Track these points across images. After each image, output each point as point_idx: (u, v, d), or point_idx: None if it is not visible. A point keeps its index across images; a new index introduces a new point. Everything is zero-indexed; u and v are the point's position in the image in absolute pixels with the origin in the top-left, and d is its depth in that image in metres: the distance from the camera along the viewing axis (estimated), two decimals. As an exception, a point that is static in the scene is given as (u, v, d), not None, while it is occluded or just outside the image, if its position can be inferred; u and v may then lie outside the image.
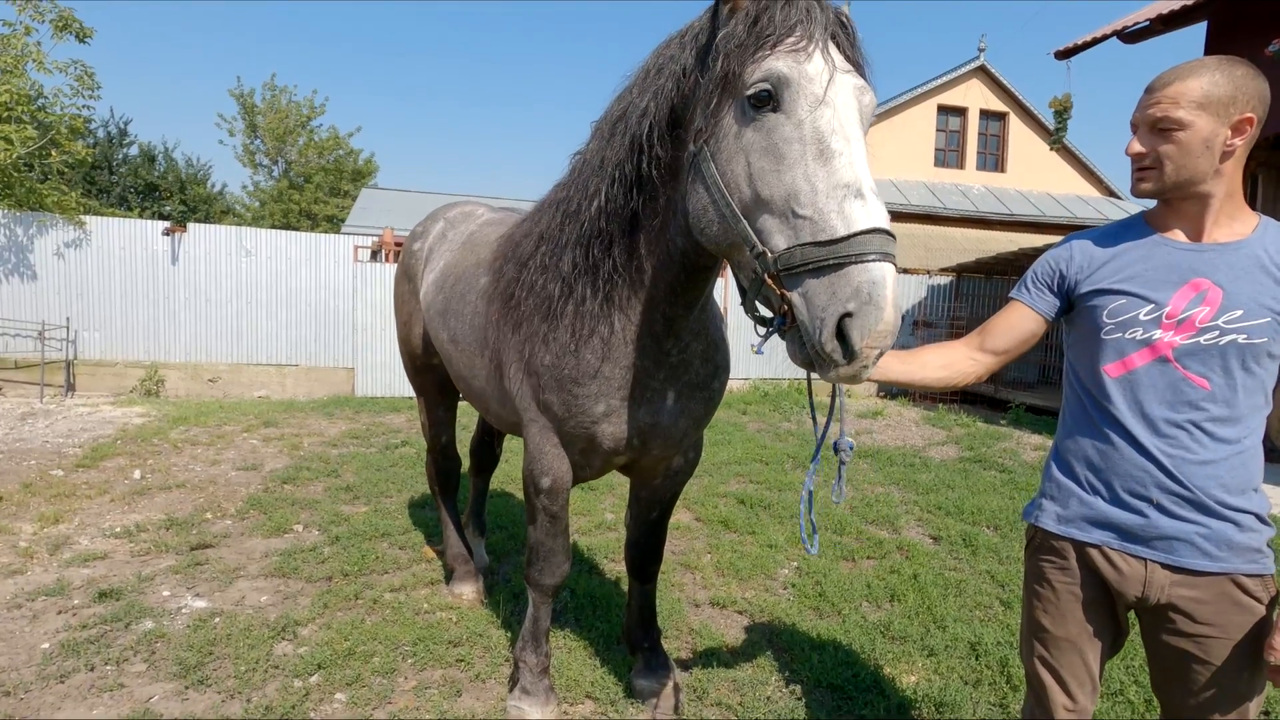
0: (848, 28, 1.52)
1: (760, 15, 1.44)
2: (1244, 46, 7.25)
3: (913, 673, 2.88)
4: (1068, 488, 1.51)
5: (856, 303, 1.26)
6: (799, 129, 1.38)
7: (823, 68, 1.40)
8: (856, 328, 1.26)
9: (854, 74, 1.47)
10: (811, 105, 1.38)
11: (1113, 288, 1.44)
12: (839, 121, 1.37)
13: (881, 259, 1.27)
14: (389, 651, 2.89)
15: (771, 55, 1.41)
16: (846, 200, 1.31)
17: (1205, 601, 1.37)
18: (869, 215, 1.30)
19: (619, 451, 2.18)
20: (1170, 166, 1.36)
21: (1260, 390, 1.37)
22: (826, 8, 1.49)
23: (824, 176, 1.34)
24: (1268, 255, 1.35)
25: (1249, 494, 1.37)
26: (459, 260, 2.84)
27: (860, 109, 1.43)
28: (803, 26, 1.42)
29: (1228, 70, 1.34)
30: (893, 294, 1.26)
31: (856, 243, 1.27)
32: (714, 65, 1.49)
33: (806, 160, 1.36)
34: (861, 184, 1.33)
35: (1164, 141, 1.36)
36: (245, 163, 28.54)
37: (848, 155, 1.35)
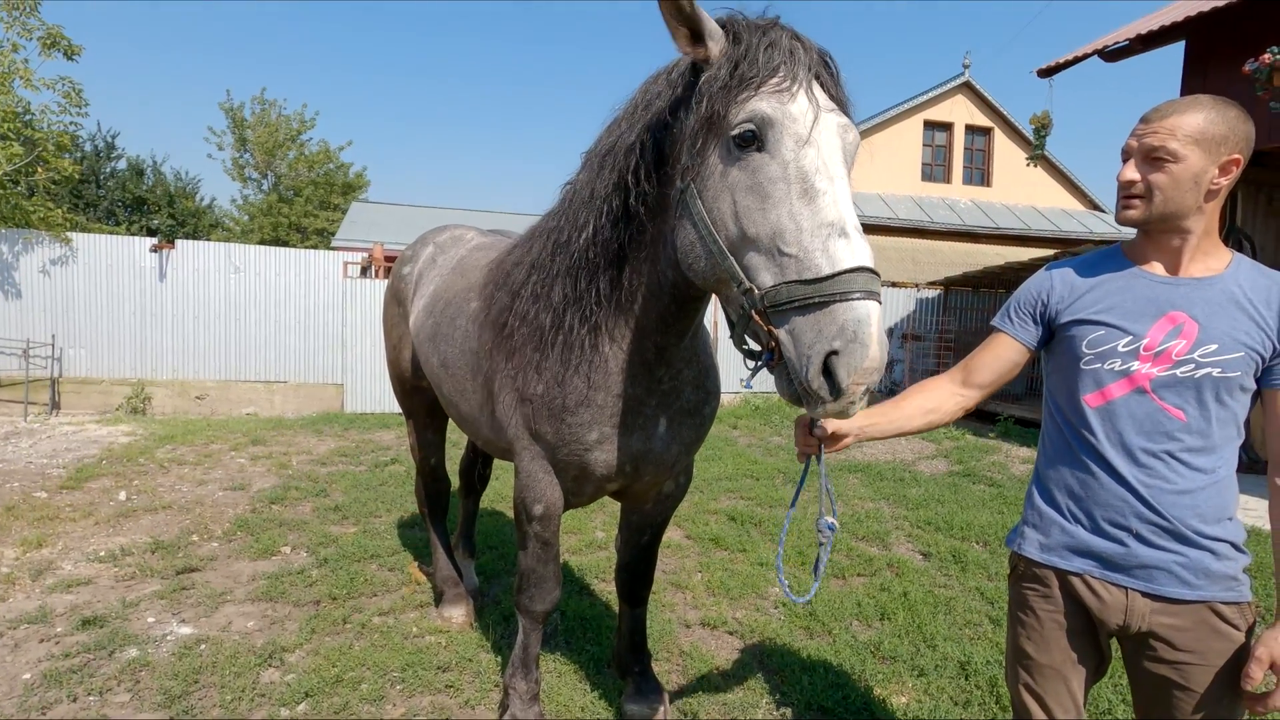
0: (831, 67, 1.54)
1: (742, 58, 1.46)
2: (1221, 65, 7.41)
3: (903, 693, 2.88)
4: (1050, 516, 1.53)
5: (842, 341, 1.28)
6: (784, 168, 1.40)
7: (807, 107, 1.42)
8: (843, 365, 1.27)
9: (838, 113, 1.49)
10: (796, 145, 1.40)
11: (1092, 318, 1.47)
12: (823, 160, 1.39)
13: (866, 297, 1.29)
14: (377, 678, 2.86)
15: (755, 96, 1.43)
16: (831, 239, 1.33)
17: (1185, 629, 1.39)
18: (853, 254, 1.32)
19: (611, 478, 2.18)
20: (1159, 197, 1.39)
21: (1233, 422, 1.39)
22: (810, 48, 1.51)
23: (809, 215, 1.36)
24: (1241, 291, 1.38)
25: (1224, 523, 1.40)
26: (449, 285, 2.84)
27: (844, 147, 1.46)
28: (786, 67, 1.45)
29: (1223, 110, 1.37)
30: (878, 331, 1.28)
31: (841, 281, 1.30)
32: (698, 106, 1.51)
33: (791, 199, 1.38)
34: (845, 222, 1.35)
35: (1156, 171, 1.38)
36: (234, 176, 28.50)
37: (832, 194, 1.37)
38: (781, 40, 1.48)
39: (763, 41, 1.47)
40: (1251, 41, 6.49)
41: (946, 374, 1.68)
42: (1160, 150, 1.37)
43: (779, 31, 1.50)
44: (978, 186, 17.25)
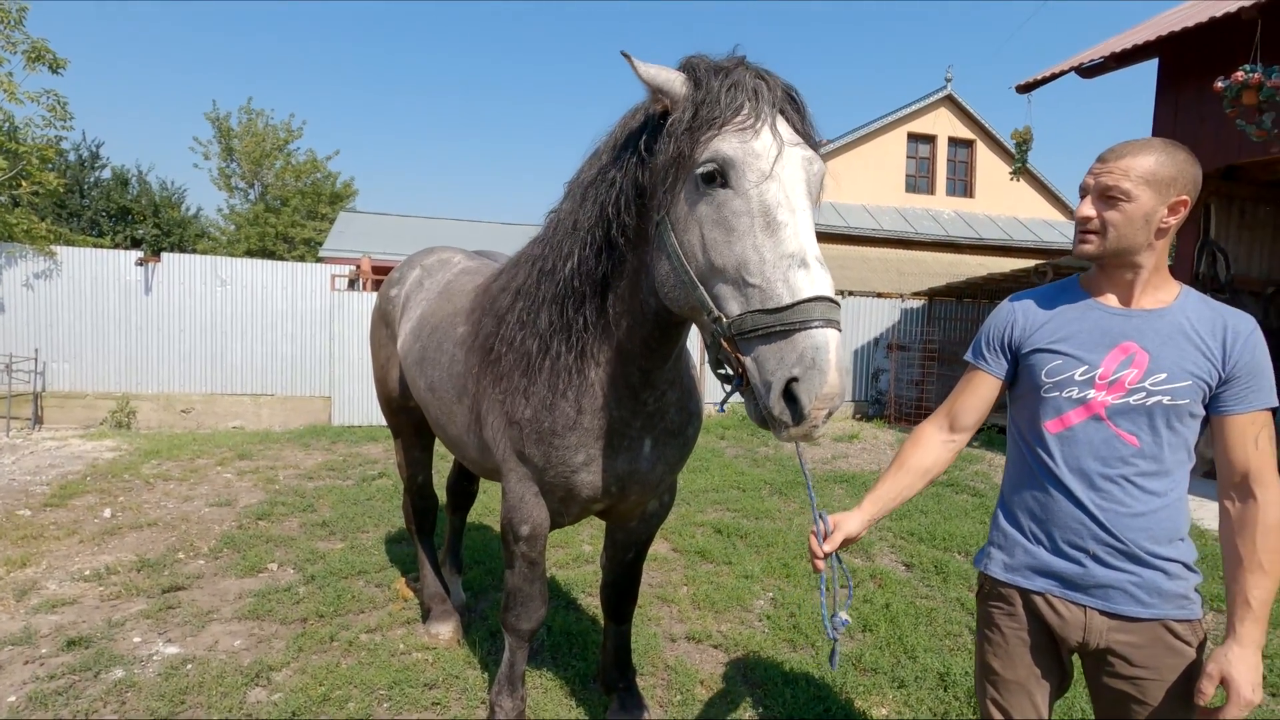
0: (796, 102, 1.60)
1: (703, 101, 1.53)
2: (1192, 81, 7.61)
3: (884, 705, 2.93)
4: (1013, 537, 1.60)
5: (801, 368, 1.34)
6: (747, 203, 1.47)
7: (770, 143, 1.49)
8: (803, 391, 1.34)
9: (803, 146, 1.55)
10: (758, 180, 1.47)
11: (1050, 348, 1.54)
12: (784, 194, 1.46)
13: (825, 325, 1.36)
14: (365, 696, 2.88)
15: (718, 135, 1.50)
16: (791, 269, 1.40)
17: (1140, 646, 1.46)
18: (813, 284, 1.39)
19: (597, 499, 2.23)
20: (1113, 233, 1.46)
21: (1184, 447, 1.46)
22: (775, 85, 1.57)
23: (771, 247, 1.43)
24: (1189, 323, 1.45)
25: (1176, 544, 1.46)
26: (436, 309, 2.88)
27: (808, 179, 1.52)
28: (750, 105, 1.52)
29: (1172, 154, 1.45)
30: (835, 358, 1.34)
31: (800, 310, 1.36)
32: (665, 146, 1.58)
33: (755, 232, 1.45)
34: (806, 253, 1.42)
35: (1110, 209, 1.46)
36: (221, 186, 28.37)
37: (793, 226, 1.44)
38: (745, 80, 1.54)
39: (725, 83, 1.54)
40: (1220, 60, 6.68)
41: (933, 421, 1.74)
42: (1114, 189, 1.44)
43: (743, 71, 1.56)
44: (961, 198, 17.49)
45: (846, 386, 1.37)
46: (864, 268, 14.57)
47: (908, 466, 1.70)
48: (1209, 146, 7.51)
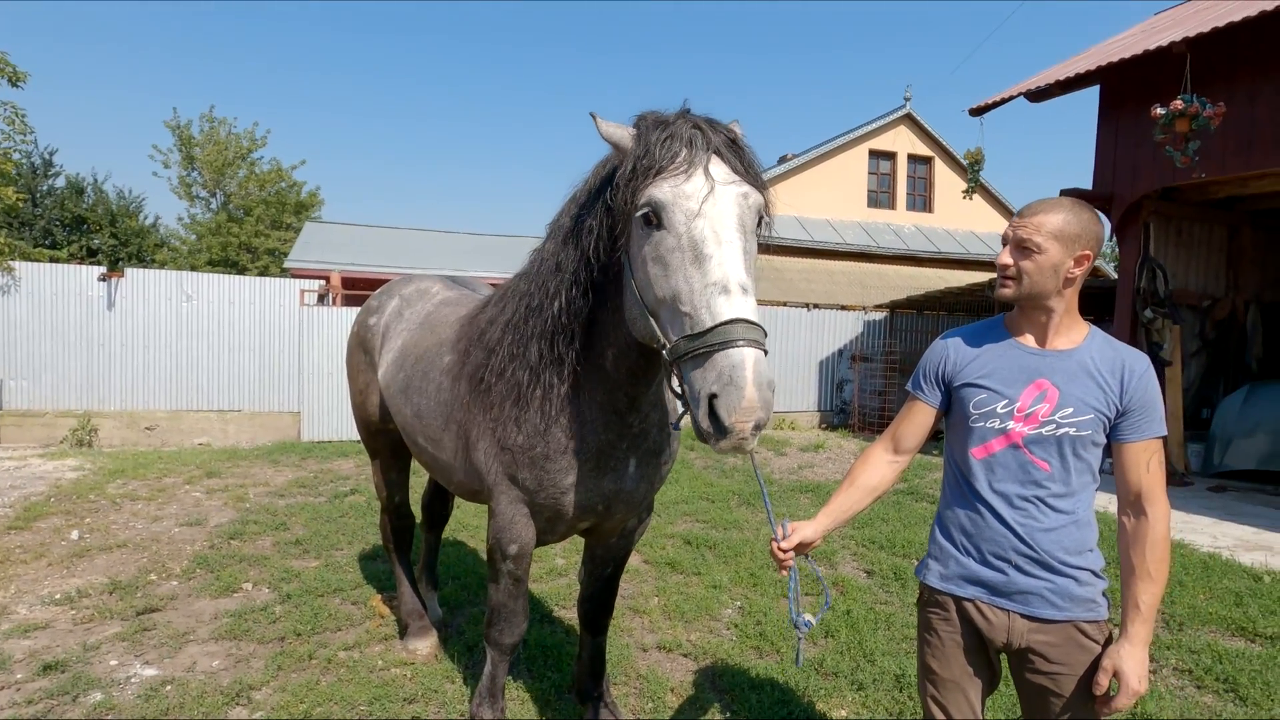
0: (736, 145, 1.78)
1: (642, 154, 1.72)
2: (1130, 108, 8.07)
3: (843, 707, 3.11)
4: (948, 550, 1.79)
5: (720, 385, 1.48)
6: (678, 239, 1.64)
7: (701, 184, 1.66)
8: (723, 407, 1.47)
9: (738, 183, 1.71)
10: (686, 218, 1.64)
11: (976, 382, 1.73)
12: (712, 229, 1.62)
13: (744, 344, 1.49)
14: (345, 712, 2.96)
15: (653, 183, 1.68)
16: (714, 296, 1.56)
17: (1056, 644, 1.65)
18: (732, 307, 1.53)
19: (585, 518, 2.37)
20: (1027, 280, 1.66)
21: (1088, 471, 1.67)
22: (711, 132, 1.75)
23: (698, 278, 1.59)
24: (1093, 363, 1.66)
25: (1085, 554, 1.66)
26: (419, 340, 2.99)
27: (740, 213, 1.68)
28: (686, 151, 1.70)
29: (1079, 213, 1.66)
30: (753, 374, 1.46)
31: (719, 332, 1.51)
32: (616, 195, 1.77)
33: (685, 265, 1.62)
34: (729, 281, 1.57)
35: (1024, 259, 1.66)
36: (181, 195, 27.81)
37: (718, 258, 1.59)
38: (682, 130, 1.73)
39: (662, 135, 1.72)
40: (1157, 89, 7.12)
41: (879, 443, 1.93)
42: (1028, 242, 1.65)
43: (682, 123, 1.75)
44: (920, 212, 18.05)
45: (769, 400, 1.49)
46: (829, 281, 14.95)
47: (858, 484, 1.89)
48: (1147, 169, 7.99)
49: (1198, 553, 5.36)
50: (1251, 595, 4.45)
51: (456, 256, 19.48)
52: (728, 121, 1.91)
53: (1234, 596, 4.43)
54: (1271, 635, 3.86)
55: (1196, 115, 6.52)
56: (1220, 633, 3.97)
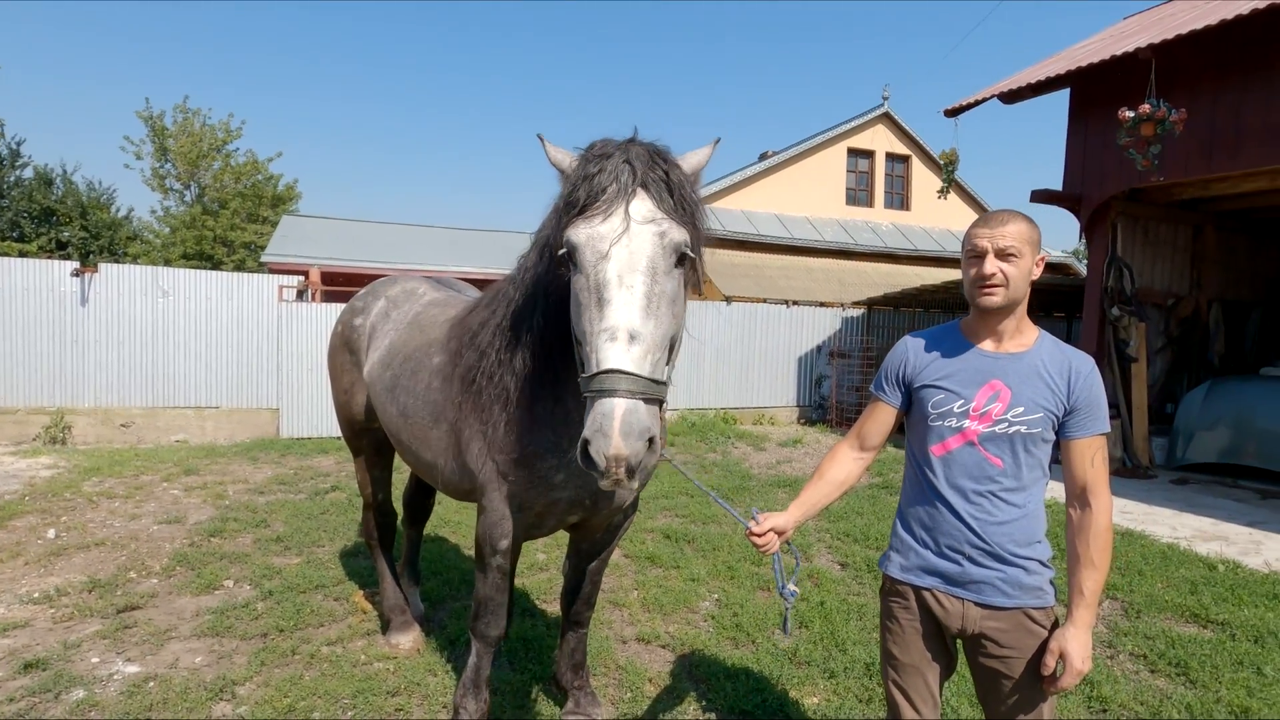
0: (667, 179, 1.77)
1: (572, 189, 1.77)
2: (1099, 111, 8.27)
3: (815, 694, 3.22)
4: (908, 543, 1.89)
5: (592, 431, 1.57)
6: (587, 281, 1.71)
7: (617, 225, 1.69)
8: (593, 451, 1.56)
9: (658, 222, 1.72)
10: (595, 261, 1.69)
11: (935, 384, 1.83)
12: (616, 274, 1.66)
13: (617, 395, 1.55)
14: (329, 705, 3.02)
15: (573, 224, 1.74)
16: (604, 343, 1.62)
17: (1006, 630, 1.76)
18: (614, 357, 1.59)
19: (573, 513, 2.45)
20: (1013, 285, 1.74)
21: (1039, 467, 1.78)
22: (643, 167, 1.76)
23: (598, 320, 1.66)
24: (1042, 365, 1.76)
25: (1034, 545, 1.77)
26: (407, 340, 3.05)
27: (654, 253, 1.69)
28: (615, 187, 1.72)
29: (1032, 222, 1.77)
30: (620, 425, 1.52)
31: (599, 380, 1.59)
32: (551, 231, 1.86)
33: (591, 307, 1.69)
34: (618, 328, 1.61)
35: (1008, 265, 1.74)
36: (154, 187, 27.34)
37: (617, 302, 1.64)
38: (609, 166, 1.75)
39: (592, 170, 1.75)
40: (1124, 93, 7.31)
41: (846, 441, 2.03)
42: (1010, 249, 1.73)
43: (616, 158, 1.76)
44: (898, 210, 18.29)
45: (639, 449, 1.54)
46: (808, 278, 15.12)
47: (826, 478, 1.99)
48: (1114, 171, 8.20)
49: (1158, 543, 5.57)
50: (1206, 584, 4.64)
51: (438, 251, 19.39)
52: (708, 142, 1.98)
53: (1189, 585, 4.62)
54: (1222, 621, 4.05)
55: (1163, 120, 6.71)
56: (1175, 619, 4.15)
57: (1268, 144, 6.84)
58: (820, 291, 14.42)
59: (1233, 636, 3.86)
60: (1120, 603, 4.39)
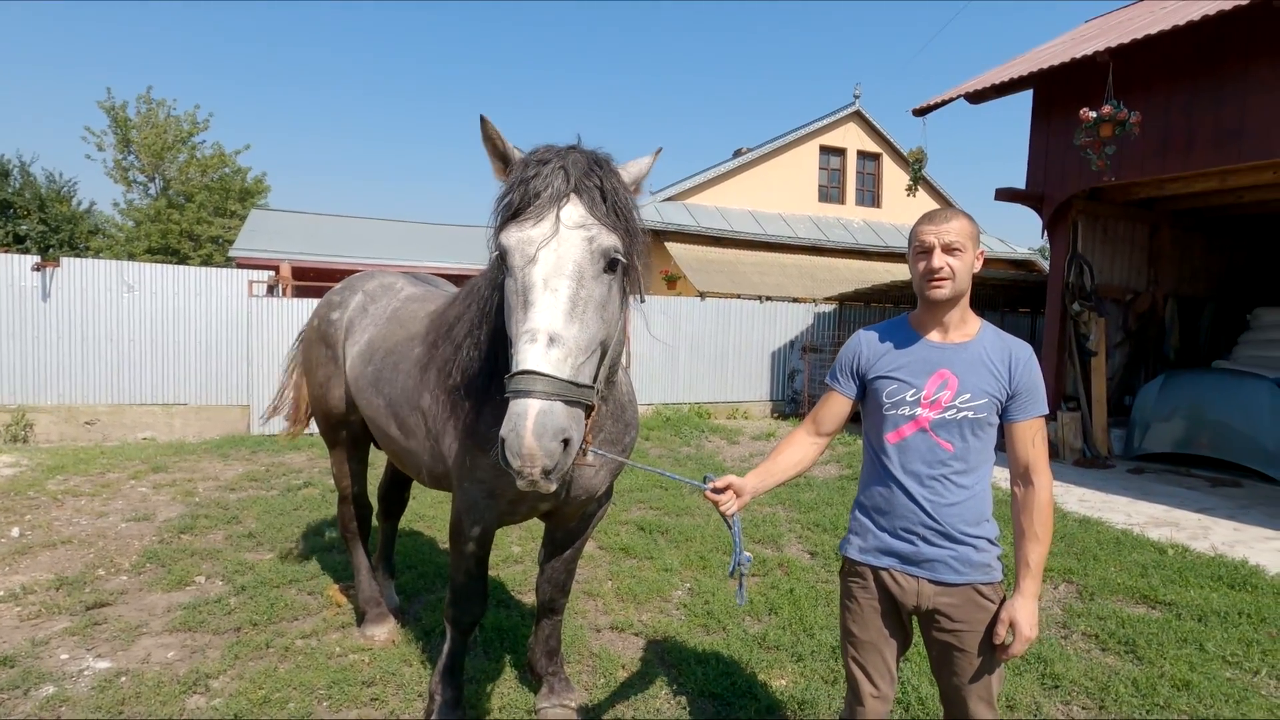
0: (601, 185, 1.82)
1: (507, 191, 1.82)
2: (1060, 112, 8.51)
3: (783, 677, 3.33)
4: (866, 525, 1.98)
5: (507, 430, 1.60)
6: (515, 283, 1.76)
7: (546, 230, 1.73)
8: (507, 449, 1.60)
9: (587, 227, 1.77)
10: (523, 264, 1.73)
11: (888, 374, 1.93)
12: (542, 276, 1.70)
13: (530, 396, 1.58)
14: (304, 696, 3.04)
15: (505, 227, 1.78)
16: (524, 344, 1.65)
17: (958, 605, 1.86)
18: (533, 358, 1.62)
19: (544, 499, 2.52)
20: (958, 278, 1.85)
21: (985, 450, 1.88)
22: (574, 175, 1.80)
23: (522, 321, 1.70)
24: (985, 354, 1.87)
25: (982, 524, 1.88)
26: (388, 334, 3.11)
27: (581, 258, 1.74)
28: (549, 192, 1.76)
29: (971, 219, 1.88)
30: (533, 425, 1.55)
31: (515, 380, 1.62)
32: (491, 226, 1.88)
33: (518, 308, 1.74)
34: (538, 330, 1.65)
35: (953, 259, 1.85)
36: (117, 179, 26.67)
37: (541, 305, 1.68)
38: (545, 171, 1.78)
39: (528, 175, 1.79)
40: (1084, 94, 7.54)
41: (803, 427, 2.11)
42: (955, 244, 1.84)
43: (554, 164, 1.80)
44: (869, 208, 18.56)
45: (553, 449, 1.57)
46: (781, 274, 15.29)
47: (782, 456, 2.07)
48: (1075, 170, 8.44)
49: (1113, 530, 5.79)
50: (1156, 567, 4.85)
51: (412, 246, 19.22)
52: (650, 153, 2.05)
53: (1140, 568, 4.83)
54: (1170, 602, 4.24)
55: (1124, 122, 6.94)
56: (1126, 601, 4.34)
57: (1216, 145, 7.11)
58: (793, 287, 14.60)
59: (1178, 616, 4.05)
60: (1075, 586, 4.57)
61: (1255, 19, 6.48)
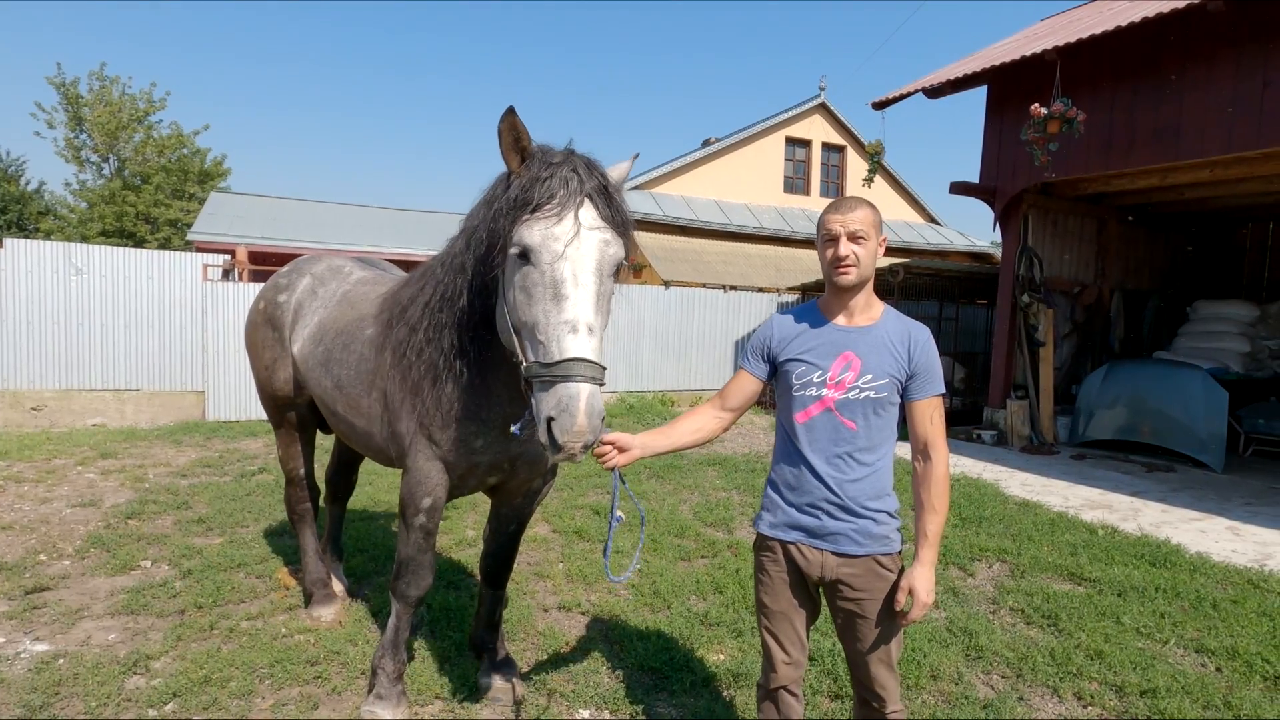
0: (607, 193, 1.99)
1: (527, 186, 1.93)
2: (1012, 108, 8.73)
3: (721, 652, 3.44)
4: (776, 501, 2.08)
5: (557, 411, 1.76)
6: (543, 276, 1.88)
7: (569, 228, 1.89)
8: (557, 428, 1.76)
9: (603, 230, 1.94)
10: (551, 260, 1.87)
11: (797, 357, 2.03)
12: (572, 272, 1.86)
13: (581, 380, 1.77)
14: (246, 675, 3.07)
15: (526, 222, 1.90)
16: (564, 334, 1.82)
17: (859, 575, 1.98)
18: (578, 347, 1.80)
19: (492, 474, 2.63)
20: (864, 265, 1.95)
21: (887, 428, 1.99)
22: (587, 179, 1.96)
23: (555, 313, 1.84)
24: (887, 335, 1.98)
25: (883, 499, 1.99)
26: (339, 316, 3.17)
27: (600, 259, 1.92)
28: (563, 193, 1.91)
29: (874, 208, 1.99)
30: (585, 405, 1.75)
31: (563, 367, 1.78)
32: (496, 221, 1.99)
33: (546, 300, 1.87)
34: (578, 321, 1.83)
35: (858, 247, 1.95)
36: (69, 159, 25.78)
37: (574, 299, 1.85)
38: (561, 173, 1.93)
39: (546, 173, 1.93)
40: (1036, 92, 7.76)
41: (710, 402, 2.21)
42: (859, 233, 1.94)
43: (566, 166, 1.95)
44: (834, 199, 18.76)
45: (598, 427, 1.78)
46: (746, 264, 15.44)
47: (681, 424, 2.17)
48: (1026, 165, 8.68)
49: (1050, 512, 6.04)
50: (1085, 546, 5.09)
51: (371, 231, 18.96)
52: (626, 159, 2.19)
53: (1070, 548, 5.06)
54: (1094, 579, 4.46)
55: (1072, 120, 7.16)
56: (1054, 578, 4.55)
57: (1156, 143, 7.39)
58: (758, 277, 14.76)
59: (1100, 591, 4.27)
60: (1009, 565, 4.78)
61: (1191, 22, 6.73)
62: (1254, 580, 4.47)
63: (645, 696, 3.01)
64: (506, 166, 2.04)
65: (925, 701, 3.05)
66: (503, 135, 1.98)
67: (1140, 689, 3.15)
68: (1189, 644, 3.62)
